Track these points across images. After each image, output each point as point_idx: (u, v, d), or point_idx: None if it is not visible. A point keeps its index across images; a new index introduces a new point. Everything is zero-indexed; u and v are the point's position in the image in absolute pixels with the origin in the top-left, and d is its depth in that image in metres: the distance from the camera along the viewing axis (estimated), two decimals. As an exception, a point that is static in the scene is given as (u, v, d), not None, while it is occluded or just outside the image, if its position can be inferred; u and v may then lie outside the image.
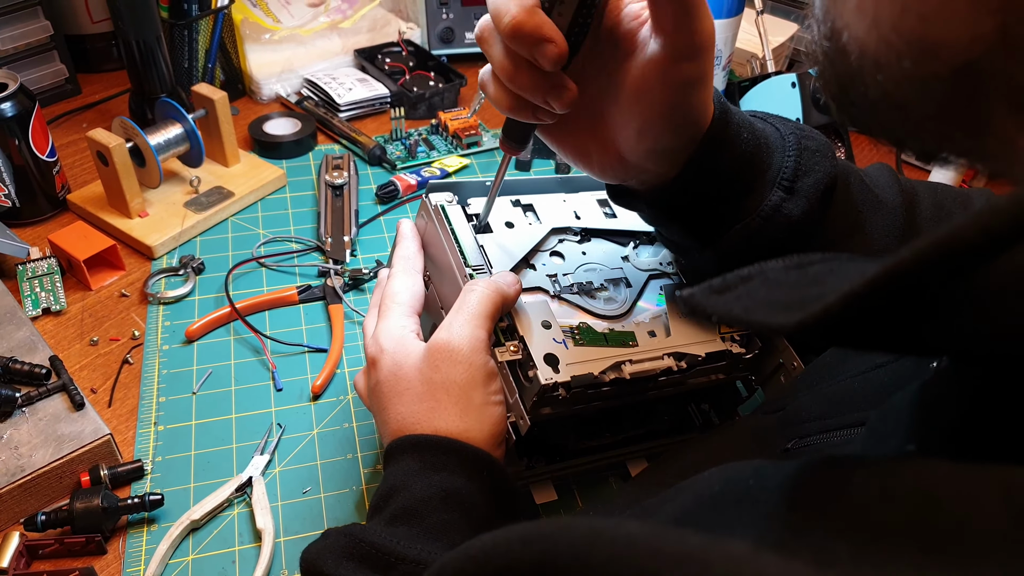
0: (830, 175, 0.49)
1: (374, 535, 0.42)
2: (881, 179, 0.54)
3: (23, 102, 0.81)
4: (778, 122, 0.51)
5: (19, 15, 0.97)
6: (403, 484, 0.44)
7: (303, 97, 1.10)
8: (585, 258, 0.60)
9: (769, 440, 0.42)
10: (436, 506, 0.43)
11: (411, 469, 0.44)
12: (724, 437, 0.50)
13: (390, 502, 0.44)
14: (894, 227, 0.52)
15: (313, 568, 0.42)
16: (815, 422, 0.41)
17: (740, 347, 0.56)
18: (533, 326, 0.52)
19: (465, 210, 0.59)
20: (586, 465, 0.63)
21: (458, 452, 0.45)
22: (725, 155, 0.47)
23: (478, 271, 0.55)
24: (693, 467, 0.44)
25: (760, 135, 0.49)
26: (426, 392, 0.48)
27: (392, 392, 0.49)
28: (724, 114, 0.46)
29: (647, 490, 0.46)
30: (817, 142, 0.50)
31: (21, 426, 0.61)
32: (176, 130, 0.87)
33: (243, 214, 0.91)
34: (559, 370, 0.50)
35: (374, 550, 0.41)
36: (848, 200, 0.51)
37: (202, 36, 1.02)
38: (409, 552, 0.41)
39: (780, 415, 0.44)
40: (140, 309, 0.78)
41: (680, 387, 0.57)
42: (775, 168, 0.49)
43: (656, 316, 0.57)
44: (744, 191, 0.49)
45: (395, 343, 0.50)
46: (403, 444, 0.46)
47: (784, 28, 1.16)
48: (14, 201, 0.85)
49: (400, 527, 0.42)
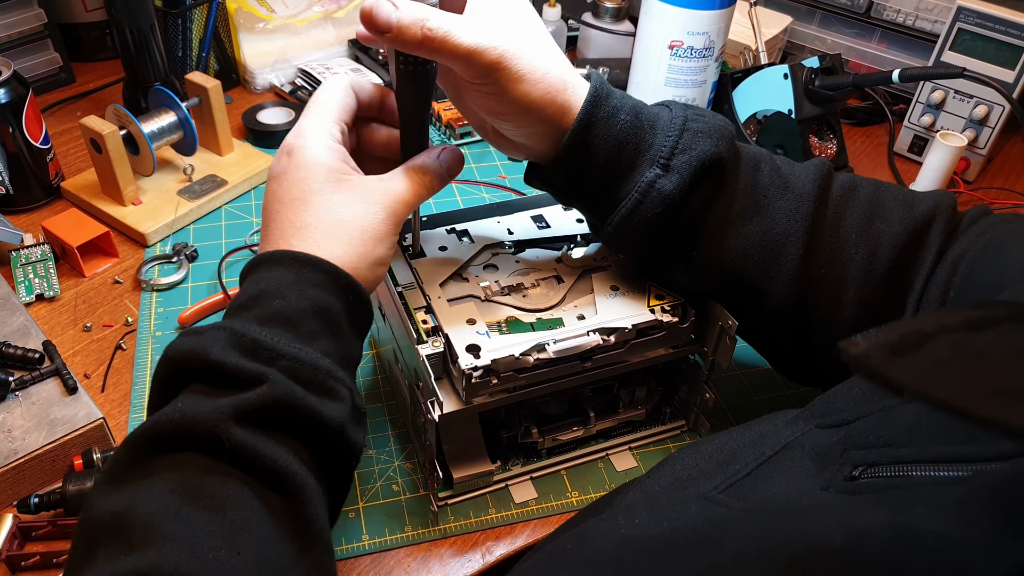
0: (710, 154, 0.51)
1: (254, 331, 0.43)
2: (801, 170, 0.55)
3: (16, 89, 0.81)
4: (676, 107, 0.54)
5: (13, 3, 0.98)
6: (277, 291, 0.45)
7: (297, 87, 1.10)
8: (519, 266, 0.62)
9: (831, 461, 0.41)
10: (308, 317, 0.45)
11: (286, 280, 0.46)
12: (762, 439, 0.47)
13: (260, 303, 0.45)
14: (799, 213, 0.53)
15: (195, 356, 0.43)
16: (884, 449, 0.39)
17: (672, 316, 0.58)
18: (457, 323, 0.56)
19: (401, 243, 0.62)
20: (566, 463, 0.64)
21: (331, 274, 0.47)
22: (597, 138, 0.51)
23: (408, 288, 0.58)
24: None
25: (646, 119, 0.53)
26: (313, 206, 0.49)
27: (285, 196, 0.49)
28: (595, 101, 0.51)
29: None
30: (707, 124, 0.53)
31: (14, 410, 0.61)
32: (170, 118, 0.88)
33: (236, 202, 0.91)
34: (479, 356, 0.53)
35: (256, 344, 0.43)
36: (750, 183, 0.54)
37: (196, 25, 1.02)
38: (288, 350, 0.43)
39: (842, 435, 0.42)
40: (133, 296, 0.78)
41: (625, 365, 0.59)
42: (656, 147, 0.52)
43: (586, 299, 0.59)
44: (626, 170, 0.53)
45: (304, 145, 0.50)
46: (282, 256, 0.47)
47: (777, 20, 1.17)
48: (8, 188, 0.85)
49: (275, 328, 0.44)
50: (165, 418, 0.41)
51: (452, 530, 0.60)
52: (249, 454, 0.40)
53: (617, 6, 1.15)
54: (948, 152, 0.93)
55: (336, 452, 0.45)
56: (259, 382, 0.42)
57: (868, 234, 0.54)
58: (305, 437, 0.43)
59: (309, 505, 0.42)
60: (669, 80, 0.95)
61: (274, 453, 0.41)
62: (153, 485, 0.39)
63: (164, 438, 0.41)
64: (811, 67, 0.91)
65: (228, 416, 0.40)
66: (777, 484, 0.42)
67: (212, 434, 0.40)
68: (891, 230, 0.54)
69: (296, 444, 0.43)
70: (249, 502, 0.40)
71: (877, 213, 0.55)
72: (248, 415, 0.41)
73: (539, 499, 0.62)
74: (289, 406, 0.42)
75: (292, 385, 0.42)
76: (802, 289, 0.54)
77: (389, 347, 0.66)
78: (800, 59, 0.95)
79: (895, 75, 0.88)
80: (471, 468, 0.60)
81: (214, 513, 0.38)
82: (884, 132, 1.10)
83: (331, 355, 0.45)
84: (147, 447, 0.41)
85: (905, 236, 0.53)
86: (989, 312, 0.29)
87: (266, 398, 0.41)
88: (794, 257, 0.53)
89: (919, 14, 1.09)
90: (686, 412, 0.67)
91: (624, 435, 0.66)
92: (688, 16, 0.90)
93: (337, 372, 0.45)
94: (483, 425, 0.61)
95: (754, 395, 0.72)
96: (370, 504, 0.61)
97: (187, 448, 0.41)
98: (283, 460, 0.41)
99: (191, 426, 0.40)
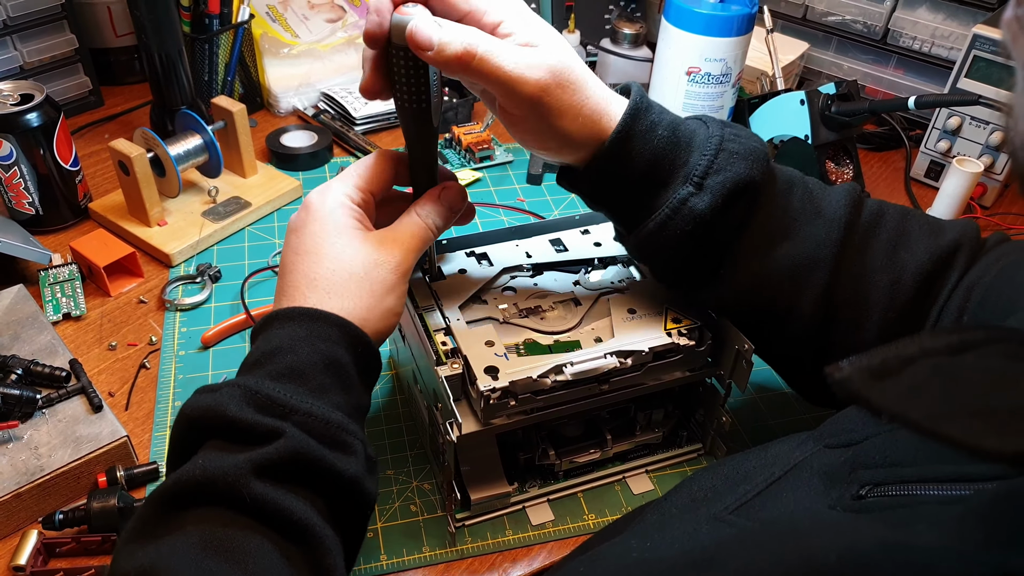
0: (744, 177, 0.52)
1: (267, 388, 0.44)
2: (833, 195, 0.56)
3: (48, 113, 0.83)
4: (713, 124, 0.54)
5: (46, 28, 1.00)
6: (289, 347, 0.47)
7: (320, 110, 1.12)
8: (536, 289, 0.63)
9: (839, 480, 0.41)
10: (319, 371, 0.47)
11: (298, 335, 0.47)
12: (774, 460, 0.48)
13: (273, 359, 0.46)
14: (830, 240, 0.53)
15: (213, 414, 0.44)
16: (891, 468, 0.39)
17: (688, 340, 0.58)
18: (476, 345, 0.56)
19: (421, 267, 0.63)
20: (583, 485, 0.64)
21: (341, 327, 0.48)
22: (633, 151, 0.52)
23: (427, 310, 0.59)
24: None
25: (683, 135, 0.53)
26: (325, 259, 0.50)
27: (300, 248, 0.51)
28: (635, 114, 0.52)
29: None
30: (743, 145, 0.53)
31: (41, 427, 0.63)
32: (195, 141, 0.89)
33: (259, 224, 0.93)
34: (498, 378, 0.54)
35: (270, 401, 0.44)
36: (783, 207, 0.54)
37: (222, 50, 1.04)
38: (301, 405, 0.44)
39: (849, 456, 0.43)
40: (157, 315, 0.80)
41: (642, 387, 0.59)
42: (691, 165, 0.52)
43: (604, 322, 0.59)
44: (660, 184, 0.53)
45: (323, 202, 0.52)
46: (293, 313, 0.48)
47: (794, 47, 1.18)
48: (38, 209, 0.87)
49: (287, 383, 0.45)
50: (187, 475, 0.42)
51: (470, 551, 0.60)
52: (269, 507, 0.41)
53: (635, 32, 1.17)
54: (965, 178, 0.93)
55: (352, 504, 0.46)
56: (276, 436, 0.43)
57: (893, 262, 0.54)
58: (322, 490, 0.44)
59: (328, 556, 0.43)
60: (686, 106, 0.96)
61: (293, 506, 0.42)
62: (176, 541, 0.40)
63: (186, 494, 0.42)
64: (827, 93, 0.92)
65: (248, 471, 0.41)
66: (786, 503, 0.42)
67: (233, 488, 0.41)
68: (916, 259, 0.54)
69: (313, 496, 0.44)
70: (269, 554, 0.40)
71: (903, 242, 0.55)
72: (266, 469, 0.42)
73: (556, 521, 0.62)
74: (306, 459, 0.43)
75: (307, 439, 0.43)
76: (825, 313, 0.54)
77: (408, 368, 0.67)
78: (816, 85, 0.96)
79: (911, 102, 0.88)
80: (489, 489, 0.60)
81: (236, 565, 0.39)
82: (900, 157, 1.11)
83: (342, 408, 0.46)
84: (170, 504, 0.42)
85: (929, 265, 0.54)
86: (968, 336, 0.29)
87: (283, 452, 0.42)
88: (820, 282, 0.54)
89: (935, 41, 1.09)
90: (703, 435, 0.68)
91: (641, 458, 0.66)
92: (706, 43, 0.91)
93: (349, 426, 0.46)
94: (501, 447, 0.61)
95: (771, 419, 0.72)
96: (388, 524, 0.61)
97: (209, 503, 0.41)
98: (302, 513, 0.42)
99: (212, 481, 0.41)
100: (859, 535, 0.32)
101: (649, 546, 0.42)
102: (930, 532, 0.31)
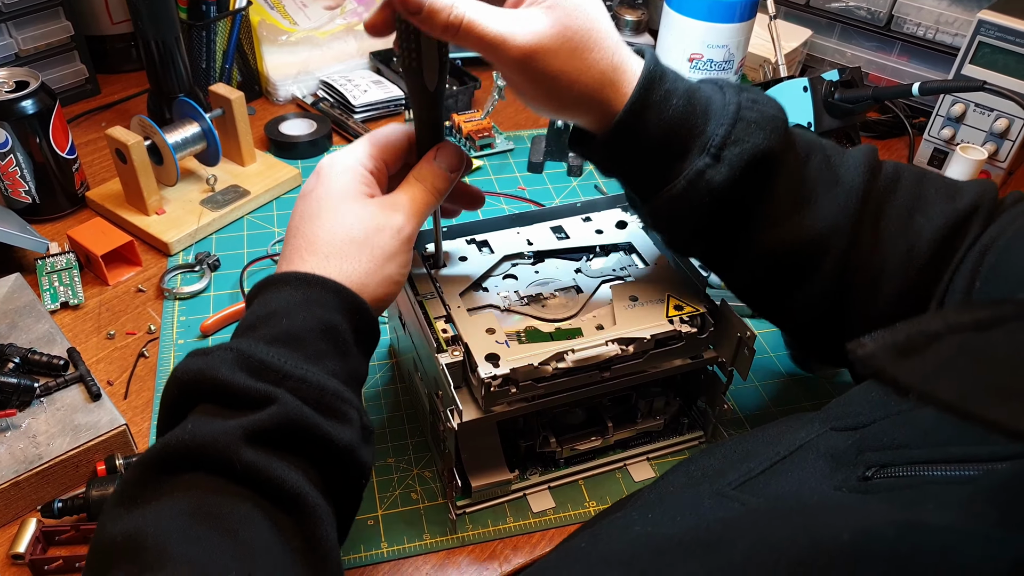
0: (762, 147, 0.50)
1: (261, 352, 0.43)
2: (851, 160, 0.54)
3: (44, 100, 0.83)
4: (730, 91, 0.53)
5: (41, 15, 0.99)
6: (285, 312, 0.46)
7: (319, 98, 1.11)
8: (537, 276, 0.63)
9: (845, 463, 0.41)
10: (315, 336, 0.46)
11: (294, 300, 0.46)
12: (778, 439, 0.48)
13: (268, 323, 0.46)
14: (847, 207, 0.53)
15: (204, 377, 0.43)
16: (898, 450, 0.39)
17: (690, 327, 0.58)
18: (477, 333, 0.56)
19: (421, 254, 0.63)
20: (584, 473, 0.64)
21: (337, 293, 0.47)
22: (648, 122, 0.50)
23: (428, 298, 0.59)
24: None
25: (699, 103, 0.51)
26: (327, 223, 0.50)
27: (306, 212, 0.51)
28: (648, 84, 0.50)
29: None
30: (761, 114, 0.51)
31: (39, 416, 0.62)
32: (193, 129, 0.89)
33: (258, 212, 0.92)
34: (499, 365, 0.53)
35: (263, 365, 0.43)
36: (801, 176, 0.53)
37: (220, 37, 1.03)
38: (295, 371, 0.43)
39: (856, 438, 0.43)
40: (156, 304, 0.79)
41: (643, 375, 0.59)
42: (708, 135, 0.51)
43: (605, 310, 0.59)
44: (675, 155, 0.52)
45: (332, 166, 0.52)
46: (290, 277, 0.48)
47: (797, 33, 1.17)
48: (34, 197, 0.87)
49: (281, 348, 0.44)
50: (176, 439, 0.41)
51: (470, 538, 0.60)
52: (260, 475, 0.41)
53: (637, 19, 1.16)
54: (968, 165, 0.92)
55: (346, 473, 0.45)
56: (268, 403, 0.42)
57: (910, 227, 0.53)
58: (315, 458, 0.43)
59: (319, 526, 0.42)
60: (688, 92, 0.95)
61: (284, 474, 0.41)
62: (164, 506, 0.39)
63: (175, 459, 0.41)
64: (831, 80, 0.91)
65: (239, 437, 0.41)
66: (791, 483, 0.42)
67: (223, 455, 0.40)
68: (932, 223, 0.53)
69: (306, 465, 0.43)
70: (260, 523, 0.40)
71: (919, 207, 0.54)
72: (258, 436, 0.41)
73: (557, 508, 0.62)
74: (299, 427, 0.42)
75: (301, 406, 0.42)
76: (840, 277, 0.54)
77: (409, 356, 0.67)
78: (820, 72, 0.95)
79: (915, 88, 0.88)
80: (489, 477, 0.60)
81: (225, 534, 0.38)
82: (904, 145, 1.10)
83: (338, 375, 0.46)
84: (158, 469, 0.41)
85: (946, 230, 0.53)
86: (996, 311, 0.28)
87: (276, 418, 0.41)
88: (838, 251, 0.53)
89: (939, 27, 1.08)
90: (704, 423, 0.67)
91: (642, 445, 0.66)
92: (708, 29, 0.90)
93: (344, 393, 0.45)
94: (502, 434, 0.61)
95: (773, 406, 0.72)
96: (389, 512, 0.61)
97: (198, 469, 0.41)
98: (293, 481, 0.41)
99: (202, 447, 0.40)
100: (870, 515, 0.31)
101: (651, 518, 0.41)
102: (940, 512, 0.31)
